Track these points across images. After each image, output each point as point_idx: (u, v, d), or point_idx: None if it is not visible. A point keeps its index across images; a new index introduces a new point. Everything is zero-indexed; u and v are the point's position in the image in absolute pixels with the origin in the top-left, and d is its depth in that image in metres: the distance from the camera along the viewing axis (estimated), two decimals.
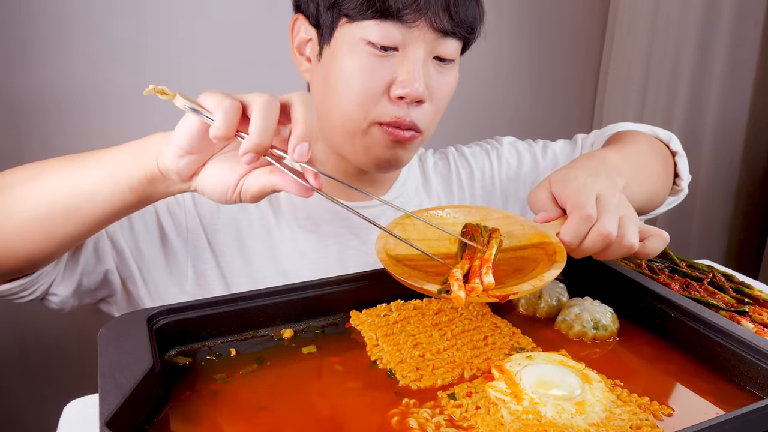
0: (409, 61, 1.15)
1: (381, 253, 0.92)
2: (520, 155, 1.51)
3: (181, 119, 0.86)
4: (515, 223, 1.01)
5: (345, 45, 1.17)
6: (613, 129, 1.48)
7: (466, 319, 0.97)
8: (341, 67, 1.17)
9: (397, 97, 1.16)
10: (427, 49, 1.16)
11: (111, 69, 2.06)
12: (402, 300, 1.00)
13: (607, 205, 0.98)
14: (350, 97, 1.17)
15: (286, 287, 0.95)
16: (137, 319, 0.86)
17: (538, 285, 0.85)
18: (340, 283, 0.98)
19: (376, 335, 0.92)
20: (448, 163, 1.50)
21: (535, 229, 0.99)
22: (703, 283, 1.19)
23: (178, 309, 0.90)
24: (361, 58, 1.16)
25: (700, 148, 2.50)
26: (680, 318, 0.92)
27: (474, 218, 1.02)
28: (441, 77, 1.20)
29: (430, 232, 0.99)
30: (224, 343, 0.91)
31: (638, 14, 2.66)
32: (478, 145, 1.54)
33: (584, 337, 0.95)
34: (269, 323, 0.94)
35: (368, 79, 1.16)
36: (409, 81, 1.14)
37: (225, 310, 0.92)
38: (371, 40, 1.14)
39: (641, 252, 1.00)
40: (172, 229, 1.25)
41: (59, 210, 0.97)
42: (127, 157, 0.94)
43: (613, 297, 1.01)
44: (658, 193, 1.37)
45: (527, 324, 0.99)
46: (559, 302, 1.01)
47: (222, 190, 0.88)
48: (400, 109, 1.16)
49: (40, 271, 1.08)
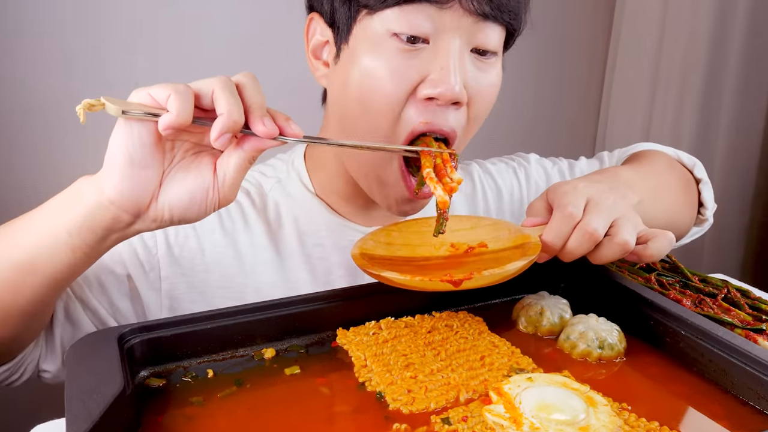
0: (442, 53, 1.05)
1: (355, 248, 0.97)
2: (548, 175, 1.49)
3: (114, 133, 0.82)
4: (503, 229, 1.05)
5: (365, 42, 1.08)
6: (636, 148, 1.49)
7: (461, 337, 0.97)
8: (361, 68, 1.08)
9: (425, 98, 1.06)
10: (464, 39, 1.06)
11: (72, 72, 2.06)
12: (392, 317, 1.00)
13: (597, 205, 0.99)
14: (374, 106, 1.08)
15: (267, 303, 0.95)
16: (107, 338, 0.85)
17: (496, 273, 0.90)
18: (326, 299, 0.98)
19: (365, 355, 0.92)
20: (472, 181, 1.44)
21: (521, 232, 1.02)
22: (717, 299, 1.19)
23: (151, 327, 0.89)
24: (384, 55, 1.06)
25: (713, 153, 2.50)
26: (692, 336, 0.92)
27: (464, 226, 1.07)
28: (482, 75, 1.10)
29: (415, 238, 1.04)
30: (201, 363, 0.91)
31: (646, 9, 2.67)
32: (503, 162, 1.50)
33: (589, 357, 0.94)
34: (249, 342, 0.94)
35: (394, 81, 1.06)
36: (442, 78, 1.04)
37: (201, 327, 0.91)
38: (396, 30, 1.04)
39: (644, 254, 1.00)
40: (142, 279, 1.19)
41: (4, 289, 0.92)
42: (57, 212, 0.89)
43: (619, 314, 1.01)
44: (680, 218, 1.37)
45: (527, 343, 0.99)
46: (562, 320, 1.01)
47: (200, 196, 0.86)
48: (426, 115, 1.07)
49: (22, 354, 1.05)
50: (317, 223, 1.27)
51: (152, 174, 0.83)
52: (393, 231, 1.07)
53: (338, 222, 1.28)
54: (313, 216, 1.28)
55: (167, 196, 0.85)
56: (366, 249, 1.00)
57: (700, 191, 1.43)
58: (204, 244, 1.23)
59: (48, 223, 0.89)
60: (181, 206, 0.86)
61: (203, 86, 0.82)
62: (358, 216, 1.29)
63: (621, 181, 1.16)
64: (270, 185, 1.30)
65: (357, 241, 1.03)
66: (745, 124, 2.46)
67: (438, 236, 1.03)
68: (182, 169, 0.86)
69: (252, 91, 0.84)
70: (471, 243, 1.05)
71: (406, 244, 1.04)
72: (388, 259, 1.00)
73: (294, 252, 1.26)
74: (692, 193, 1.41)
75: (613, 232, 0.98)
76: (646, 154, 1.41)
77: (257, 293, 1.22)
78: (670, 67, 2.60)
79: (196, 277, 1.22)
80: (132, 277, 1.17)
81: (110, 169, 0.82)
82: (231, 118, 0.80)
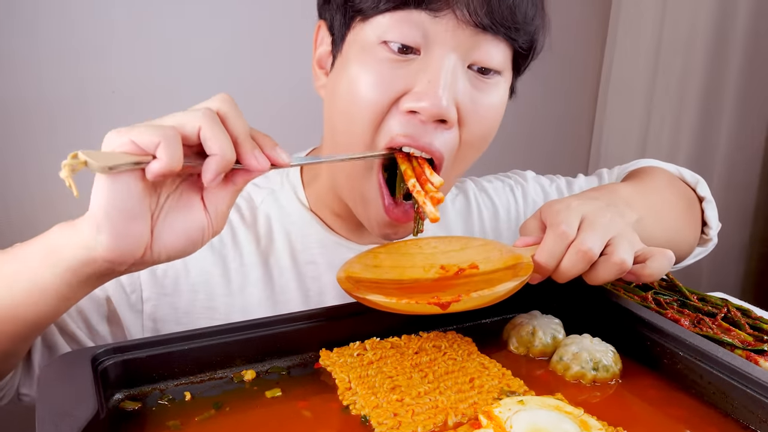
0: (433, 66, 1.01)
1: (341, 272, 0.97)
2: (545, 193, 1.48)
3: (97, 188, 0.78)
4: (494, 249, 1.04)
5: (356, 50, 1.06)
6: (636, 164, 1.48)
7: (450, 359, 0.96)
8: (350, 77, 1.06)
9: (407, 111, 1.03)
10: (460, 53, 1.03)
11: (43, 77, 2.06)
12: (378, 338, 0.99)
13: (592, 223, 0.98)
14: (356, 115, 1.05)
15: (247, 323, 0.94)
16: (81, 359, 0.84)
17: (485, 294, 0.90)
18: (309, 318, 0.97)
19: (349, 377, 0.90)
20: (467, 199, 1.42)
21: (512, 253, 1.01)
22: (717, 319, 1.18)
23: (126, 347, 0.88)
24: (372, 63, 1.04)
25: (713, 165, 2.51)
26: (691, 358, 0.91)
27: (454, 247, 1.06)
28: (480, 95, 1.06)
29: (404, 260, 1.03)
30: (178, 386, 0.90)
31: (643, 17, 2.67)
32: (499, 180, 1.49)
33: (583, 379, 0.93)
34: (228, 363, 0.93)
35: (378, 89, 1.03)
36: (428, 91, 1.00)
37: (178, 348, 0.90)
38: (386, 38, 1.02)
39: (642, 273, 0.99)
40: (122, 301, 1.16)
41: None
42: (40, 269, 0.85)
43: (615, 334, 1.00)
44: (681, 238, 1.35)
45: (519, 364, 0.98)
46: (555, 340, 1.00)
47: (196, 236, 0.84)
48: (407, 128, 1.03)
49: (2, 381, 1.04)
50: (310, 239, 1.25)
51: (144, 224, 0.80)
52: (381, 253, 1.06)
53: (332, 239, 1.26)
54: (307, 232, 1.26)
55: (162, 242, 0.83)
56: (352, 272, 1.00)
57: (704, 210, 1.42)
58: (189, 263, 1.20)
59: (31, 276, 0.86)
60: (178, 248, 0.84)
61: (188, 123, 0.78)
62: (353, 234, 1.27)
63: (619, 198, 1.15)
64: (262, 197, 1.28)
65: (343, 264, 1.02)
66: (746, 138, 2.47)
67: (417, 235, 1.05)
68: (172, 211, 0.83)
69: (236, 121, 0.81)
70: (461, 264, 1.03)
71: (395, 266, 1.03)
72: (375, 282, 0.99)
73: (285, 270, 1.24)
74: (695, 211, 1.40)
75: (609, 251, 0.97)
76: (646, 171, 1.40)
77: (245, 314, 1.20)
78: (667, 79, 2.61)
79: (181, 298, 1.20)
80: (111, 300, 1.15)
81: (101, 227, 0.78)
82: (225, 159, 0.78)
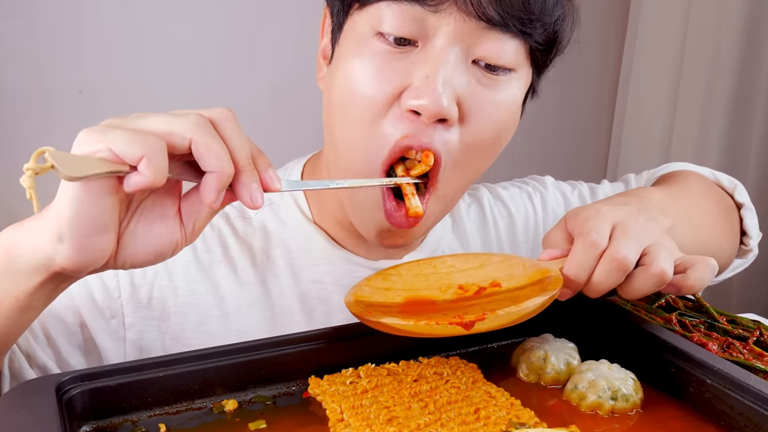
0: (431, 60, 1.01)
1: (349, 296, 0.97)
2: (567, 201, 1.47)
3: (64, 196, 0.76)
4: (516, 264, 1.03)
5: (352, 41, 1.06)
6: (667, 168, 1.47)
7: (453, 387, 0.95)
8: (345, 70, 1.06)
9: (409, 111, 1.02)
10: (463, 47, 1.02)
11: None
12: (373, 364, 0.99)
13: (625, 231, 0.97)
14: (352, 112, 1.05)
15: (228, 347, 0.93)
16: (44, 388, 0.84)
17: (512, 312, 0.90)
18: (297, 342, 0.96)
19: (341, 407, 0.90)
20: (482, 209, 1.41)
21: (537, 267, 1.00)
22: (748, 343, 1.18)
23: (95, 375, 0.88)
24: (367, 56, 1.03)
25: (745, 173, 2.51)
26: (719, 386, 0.90)
27: (472, 265, 1.05)
28: (487, 92, 1.05)
29: (417, 282, 1.03)
30: (152, 417, 0.89)
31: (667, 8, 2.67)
32: (515, 186, 1.47)
33: (600, 410, 0.93)
34: (208, 392, 0.92)
35: (374, 84, 1.03)
36: (426, 87, 1.00)
37: (153, 375, 0.89)
38: (381, 29, 1.02)
39: (683, 284, 0.98)
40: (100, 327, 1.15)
41: None
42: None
43: (635, 360, 1.00)
44: (718, 247, 1.34)
45: (529, 393, 0.98)
46: (569, 366, 1.00)
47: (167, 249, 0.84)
48: (413, 127, 1.03)
49: None
50: (315, 256, 1.24)
51: (111, 235, 0.79)
52: (392, 275, 1.06)
53: (340, 255, 1.25)
54: (311, 247, 1.24)
55: (128, 253, 0.82)
56: (362, 296, 0.99)
57: (742, 217, 1.41)
58: (177, 281, 1.19)
59: None
60: (145, 260, 0.84)
61: (176, 133, 0.77)
62: (362, 249, 1.25)
63: (650, 203, 1.14)
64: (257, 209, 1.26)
65: (351, 288, 1.01)
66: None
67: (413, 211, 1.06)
68: (144, 221, 0.83)
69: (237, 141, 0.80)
70: (482, 283, 1.03)
71: (408, 288, 1.03)
72: (386, 306, 0.99)
73: (286, 289, 1.23)
74: (733, 219, 1.40)
75: (647, 261, 0.96)
76: (679, 175, 1.39)
77: (241, 338, 1.18)
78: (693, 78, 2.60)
79: (169, 321, 1.19)
80: (87, 326, 1.14)
81: (64, 237, 0.77)
82: (224, 175, 0.78)
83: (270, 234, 1.25)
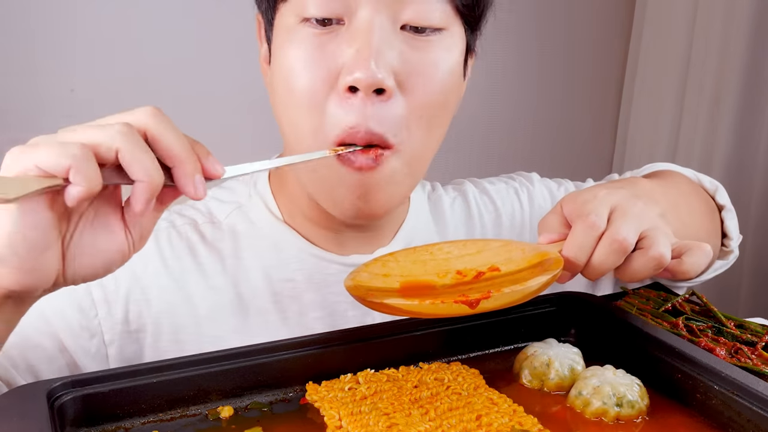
0: (359, 33, 1.03)
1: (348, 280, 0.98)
2: (553, 198, 1.48)
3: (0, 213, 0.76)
4: (515, 249, 1.05)
5: (281, 35, 1.09)
6: (651, 168, 1.49)
7: (454, 393, 0.95)
8: (281, 64, 1.08)
9: (346, 89, 1.03)
10: (389, 14, 1.03)
11: None
12: (372, 369, 0.99)
13: (624, 213, 1.00)
14: (295, 103, 1.07)
15: (224, 353, 0.93)
16: (34, 394, 0.84)
17: (517, 290, 0.92)
18: (293, 347, 0.96)
19: (339, 414, 0.90)
20: (466, 203, 1.42)
21: (537, 251, 1.02)
22: (757, 348, 1.17)
23: (86, 381, 0.88)
24: (298, 44, 1.05)
25: (752, 179, 2.51)
26: (727, 392, 0.90)
27: (469, 251, 1.06)
28: (419, 54, 1.06)
29: (415, 268, 1.04)
30: (145, 424, 0.89)
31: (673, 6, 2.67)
32: (502, 182, 1.49)
33: (605, 417, 0.93)
34: (203, 399, 0.92)
35: (309, 70, 1.05)
36: (358, 60, 1.01)
37: (146, 381, 0.89)
38: (306, 14, 1.04)
39: (678, 269, 1.01)
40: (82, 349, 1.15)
41: None
42: None
43: (641, 365, 1.00)
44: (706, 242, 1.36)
45: (532, 399, 0.97)
46: (573, 372, 0.99)
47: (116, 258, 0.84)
48: (351, 113, 1.04)
49: None
50: (286, 254, 1.25)
51: (55, 253, 0.80)
52: (389, 261, 1.06)
53: (311, 252, 1.25)
54: (281, 246, 1.25)
55: (76, 267, 0.82)
56: (360, 281, 1.00)
57: (723, 219, 1.43)
58: (149, 292, 1.20)
59: None
60: (95, 273, 0.84)
61: (102, 143, 0.76)
62: (334, 244, 1.26)
63: (642, 190, 1.15)
64: (226, 212, 1.27)
65: (349, 273, 1.02)
66: None
67: None
68: (87, 232, 0.83)
69: (171, 138, 0.80)
70: (480, 268, 1.04)
71: (406, 274, 1.04)
72: (386, 290, 0.99)
73: (259, 291, 1.23)
74: (716, 220, 1.42)
75: (645, 245, 0.99)
76: (664, 173, 1.42)
77: (217, 344, 1.19)
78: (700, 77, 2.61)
79: (145, 332, 1.20)
80: (68, 350, 1.14)
81: (5, 260, 0.77)
82: (153, 184, 0.77)
83: (240, 236, 1.25)
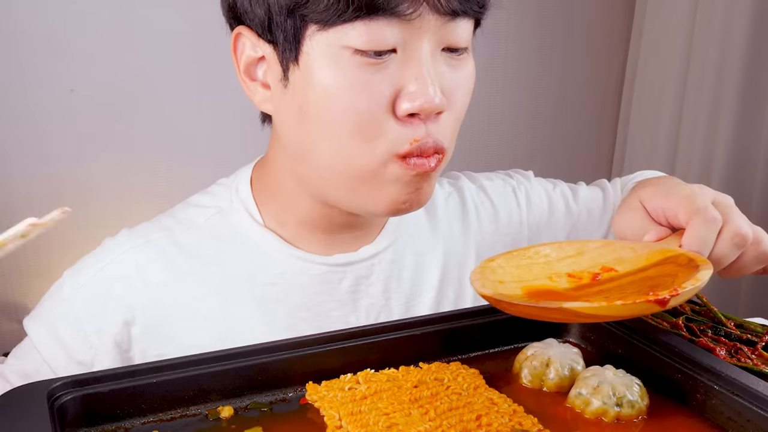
0: (414, 62, 1.06)
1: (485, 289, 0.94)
2: (550, 200, 1.48)
3: None
4: (622, 248, 1.04)
5: (322, 59, 1.07)
6: (642, 175, 1.49)
7: (454, 393, 0.95)
8: (321, 88, 1.07)
9: (407, 115, 1.07)
10: (434, 41, 1.07)
11: None
12: (372, 369, 0.99)
13: (731, 208, 1.03)
14: (346, 129, 1.07)
15: (224, 353, 0.93)
16: (35, 394, 0.84)
17: (697, 284, 0.89)
18: (293, 347, 0.96)
19: (339, 414, 0.90)
20: (462, 200, 1.43)
21: (651, 248, 1.02)
22: (757, 348, 1.17)
23: (87, 381, 0.88)
24: (347, 70, 1.05)
25: (753, 176, 2.51)
26: (727, 392, 0.90)
27: (568, 253, 1.05)
28: (456, 74, 1.12)
29: (523, 274, 1.01)
30: (145, 424, 0.89)
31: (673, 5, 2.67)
32: (500, 179, 1.49)
33: (605, 417, 0.93)
34: (203, 399, 0.92)
35: (365, 95, 1.06)
36: (420, 90, 1.05)
37: (146, 381, 0.90)
38: (359, 47, 1.04)
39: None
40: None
41: None
42: None
43: (641, 365, 1.00)
44: None
45: (532, 399, 0.97)
46: (573, 372, 1.00)
47: None
48: (417, 129, 1.07)
49: None
50: (269, 258, 1.25)
51: None
52: (495, 269, 1.02)
53: (293, 254, 1.25)
54: (264, 250, 1.25)
55: None
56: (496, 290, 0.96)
57: None
58: (135, 308, 1.21)
59: None
60: None
61: None
62: (318, 245, 1.26)
63: None
64: (206, 216, 1.27)
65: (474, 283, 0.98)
66: None
67: None
68: None
69: None
70: (592, 269, 1.03)
71: (518, 280, 1.01)
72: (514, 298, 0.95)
73: (242, 296, 1.24)
74: None
75: (754, 240, 1.03)
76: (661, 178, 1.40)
77: None
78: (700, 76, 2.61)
79: (134, 348, 1.22)
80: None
81: None
82: None
83: (221, 241, 1.26)
